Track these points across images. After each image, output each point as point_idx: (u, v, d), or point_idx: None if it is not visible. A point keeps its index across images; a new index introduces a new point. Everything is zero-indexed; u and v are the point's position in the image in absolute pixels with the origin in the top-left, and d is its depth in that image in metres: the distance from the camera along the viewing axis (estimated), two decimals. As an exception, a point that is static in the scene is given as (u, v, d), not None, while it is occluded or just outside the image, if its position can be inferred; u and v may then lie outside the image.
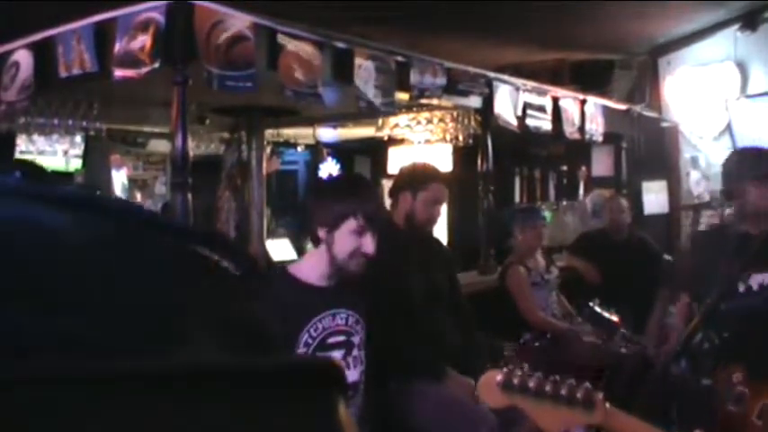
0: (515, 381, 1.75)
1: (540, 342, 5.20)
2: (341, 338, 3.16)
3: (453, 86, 5.64)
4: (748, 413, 3.25)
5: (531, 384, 1.74)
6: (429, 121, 8.25)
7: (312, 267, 3.18)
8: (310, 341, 3.05)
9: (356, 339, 3.20)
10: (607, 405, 1.73)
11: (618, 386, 4.66)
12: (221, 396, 0.49)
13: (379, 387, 3.82)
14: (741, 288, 3.68)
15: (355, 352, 3.20)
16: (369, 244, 3.10)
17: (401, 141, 9.54)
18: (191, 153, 4.28)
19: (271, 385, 0.52)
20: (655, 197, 8.14)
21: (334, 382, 0.55)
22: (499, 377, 1.76)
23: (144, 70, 4.09)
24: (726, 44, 7.41)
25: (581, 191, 9.15)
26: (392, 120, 8.13)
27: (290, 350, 2.94)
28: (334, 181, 3.97)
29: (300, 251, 8.46)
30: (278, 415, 0.51)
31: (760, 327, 3.62)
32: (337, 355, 3.10)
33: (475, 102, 6.03)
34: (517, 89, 6.30)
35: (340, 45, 4.84)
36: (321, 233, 3.12)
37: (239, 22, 4.18)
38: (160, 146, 9.07)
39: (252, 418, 0.50)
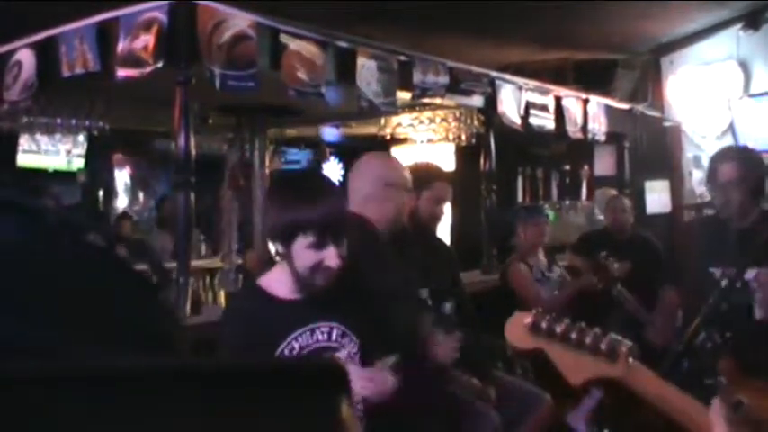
0: (543, 324, 1.74)
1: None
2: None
3: (456, 86, 5.64)
4: (725, 404, 3.26)
5: (559, 329, 1.73)
6: (432, 121, 8.25)
7: (280, 281, 2.71)
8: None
9: (342, 354, 2.73)
10: (630, 359, 1.72)
11: None
12: (224, 396, 0.49)
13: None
14: (737, 284, 3.69)
15: None
16: (332, 257, 2.59)
17: (404, 141, 9.54)
18: (193, 152, 4.28)
19: (274, 386, 0.52)
20: (657, 196, 8.14)
21: (337, 382, 0.56)
22: (528, 319, 1.75)
23: (147, 70, 4.09)
24: (728, 43, 7.41)
25: (583, 190, 9.14)
26: (395, 119, 8.13)
27: None
28: (284, 184, 3.10)
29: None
30: (281, 415, 0.51)
31: (754, 323, 3.64)
32: None
33: (477, 101, 6.03)
34: (520, 88, 6.30)
35: (342, 44, 4.84)
36: (276, 248, 2.66)
37: (242, 21, 4.19)
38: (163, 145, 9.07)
39: (255, 417, 0.50)
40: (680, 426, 1.73)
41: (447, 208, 4.45)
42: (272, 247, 2.68)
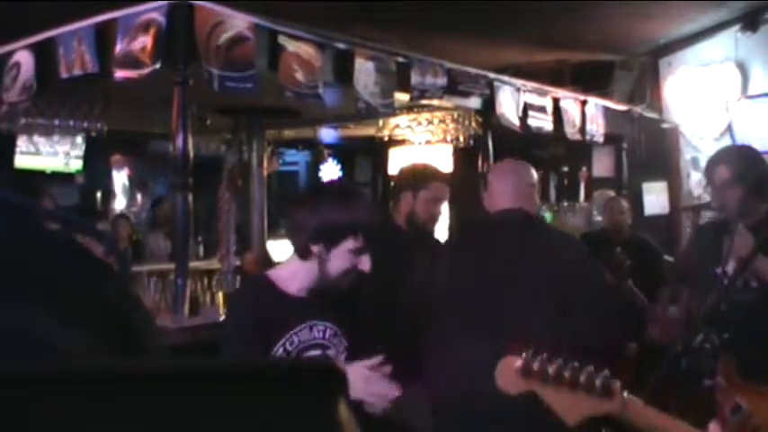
0: (535, 366, 1.73)
1: None
2: (316, 353, 2.92)
3: (454, 87, 5.64)
4: (723, 407, 3.26)
5: (551, 371, 1.72)
6: (429, 122, 8.24)
7: (294, 278, 2.91)
8: (285, 355, 2.83)
9: (332, 352, 2.95)
10: (625, 394, 1.72)
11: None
12: (222, 396, 0.49)
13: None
14: (739, 284, 3.69)
15: None
16: (365, 263, 2.85)
17: (402, 142, 9.53)
18: (191, 153, 4.28)
19: (271, 386, 0.52)
20: (655, 198, 8.14)
21: (334, 382, 0.56)
22: (518, 363, 1.74)
23: (145, 71, 4.09)
24: (726, 45, 7.41)
25: (582, 192, 9.15)
26: (393, 120, 8.13)
27: None
28: (333, 192, 3.29)
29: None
30: (278, 415, 0.51)
31: (754, 322, 3.64)
32: None
33: (475, 102, 6.03)
34: (518, 90, 6.31)
35: (340, 46, 4.84)
36: (315, 248, 2.83)
37: (240, 22, 4.19)
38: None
39: (253, 417, 0.50)
40: None
41: (444, 209, 4.44)
42: (313, 247, 2.82)
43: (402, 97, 5.33)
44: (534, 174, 3.76)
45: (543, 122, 6.55)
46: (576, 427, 1.76)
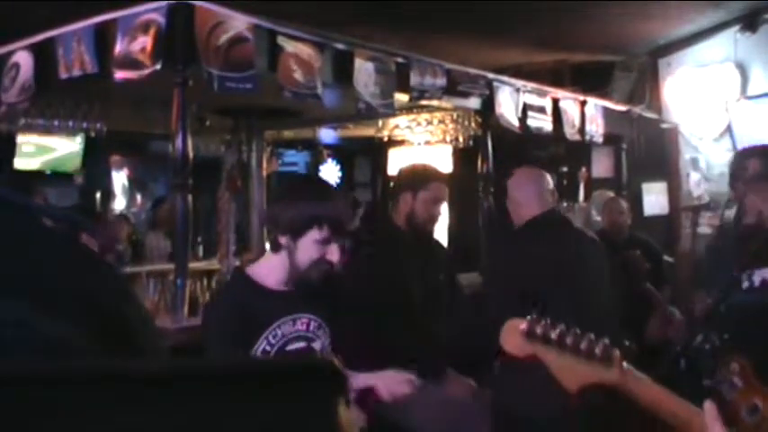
0: (538, 330, 1.74)
1: None
2: (301, 344, 3.00)
3: (453, 88, 5.63)
4: (739, 406, 3.26)
5: (554, 335, 1.73)
6: (429, 123, 8.24)
7: (271, 271, 3.00)
8: (269, 348, 2.90)
9: (317, 345, 3.03)
10: (625, 364, 1.72)
11: None
12: (222, 396, 0.49)
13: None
14: (745, 284, 3.69)
15: None
16: (334, 252, 2.93)
17: (401, 142, 9.54)
18: (190, 154, 4.28)
19: (271, 385, 0.52)
20: (655, 198, 8.15)
21: (333, 381, 0.56)
22: (523, 325, 1.75)
23: (144, 72, 4.09)
24: (726, 45, 7.41)
25: (581, 192, 9.15)
26: (392, 121, 8.13)
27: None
28: (298, 184, 3.64)
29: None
30: (278, 415, 0.51)
31: (760, 323, 3.63)
32: None
33: (475, 103, 6.03)
34: (517, 90, 6.30)
35: (340, 46, 4.84)
36: (283, 240, 2.93)
37: (239, 23, 4.19)
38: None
39: (252, 417, 0.50)
40: (675, 429, 1.73)
41: (444, 209, 4.45)
42: (281, 239, 2.94)
43: (401, 98, 5.32)
44: (550, 179, 4.17)
45: (542, 123, 6.54)
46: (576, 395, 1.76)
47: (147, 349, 0.73)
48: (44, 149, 9.65)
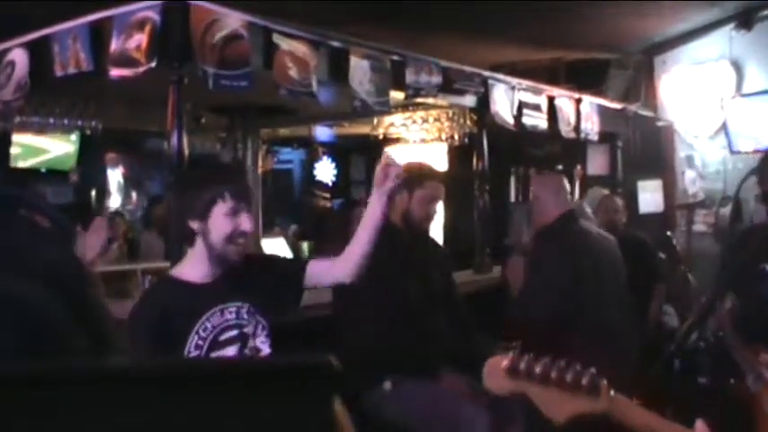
0: (522, 366, 1.73)
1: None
2: (233, 333, 2.99)
3: (449, 85, 5.64)
4: (764, 399, 3.30)
5: (538, 370, 1.72)
6: (425, 120, 8.26)
7: (193, 266, 3.03)
8: (201, 342, 2.91)
9: (249, 329, 3.03)
10: (612, 392, 1.72)
11: None
12: (221, 396, 0.49)
13: (375, 387, 3.83)
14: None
15: (251, 342, 3.03)
16: (245, 222, 2.96)
17: (397, 140, 9.54)
18: (186, 152, 4.28)
19: (269, 385, 0.52)
20: (650, 196, 8.15)
21: (330, 380, 0.56)
22: (505, 362, 1.74)
23: (140, 69, 4.09)
24: (721, 43, 7.43)
25: (576, 190, 9.15)
26: (388, 119, 8.14)
27: (179, 354, 2.85)
28: (186, 174, 3.79)
29: (296, 250, 8.46)
30: (278, 413, 0.51)
31: None
32: (232, 350, 2.95)
33: (470, 101, 6.03)
34: (513, 88, 6.31)
35: (335, 44, 4.84)
36: (194, 225, 2.96)
37: (235, 21, 4.18)
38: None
39: (250, 415, 0.50)
40: None
41: (440, 208, 4.45)
42: (192, 225, 2.97)
43: (397, 95, 5.33)
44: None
45: (538, 120, 6.55)
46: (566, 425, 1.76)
47: (94, 307, 0.82)
48: (39, 151, 9.66)
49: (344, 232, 3.42)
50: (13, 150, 9.46)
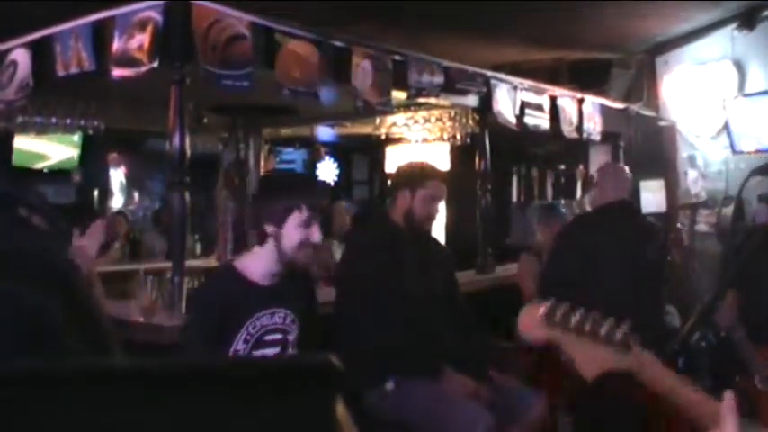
0: (558, 314, 1.72)
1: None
2: (277, 336, 3.22)
3: (451, 85, 5.64)
4: None
5: (573, 320, 1.71)
6: (427, 120, 8.24)
7: (258, 265, 3.23)
8: (249, 338, 3.12)
9: (291, 337, 3.27)
10: (643, 351, 1.71)
11: None
12: (221, 395, 0.49)
13: (376, 386, 3.83)
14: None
15: (290, 350, 3.28)
16: (316, 234, 3.18)
17: (399, 140, 9.54)
18: (188, 152, 4.28)
19: (270, 385, 0.52)
20: (652, 196, 8.14)
21: (332, 380, 0.56)
22: (542, 309, 1.73)
23: (142, 69, 4.09)
24: (723, 43, 7.41)
25: (578, 190, 9.16)
26: (390, 119, 8.13)
27: (227, 345, 3.06)
28: (277, 178, 4.21)
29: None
30: (278, 413, 0.51)
31: None
32: (272, 352, 3.16)
33: (472, 101, 6.03)
34: (515, 88, 6.31)
35: (338, 44, 4.84)
36: (269, 229, 3.17)
37: (237, 21, 4.19)
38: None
39: (251, 415, 0.50)
40: (689, 419, 1.72)
41: (442, 207, 4.44)
42: (267, 229, 3.18)
43: (399, 95, 5.32)
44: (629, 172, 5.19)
45: (540, 120, 6.55)
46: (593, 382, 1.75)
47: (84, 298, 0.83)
48: (41, 157, 9.71)
49: (327, 227, 3.53)
50: (15, 157, 9.47)
